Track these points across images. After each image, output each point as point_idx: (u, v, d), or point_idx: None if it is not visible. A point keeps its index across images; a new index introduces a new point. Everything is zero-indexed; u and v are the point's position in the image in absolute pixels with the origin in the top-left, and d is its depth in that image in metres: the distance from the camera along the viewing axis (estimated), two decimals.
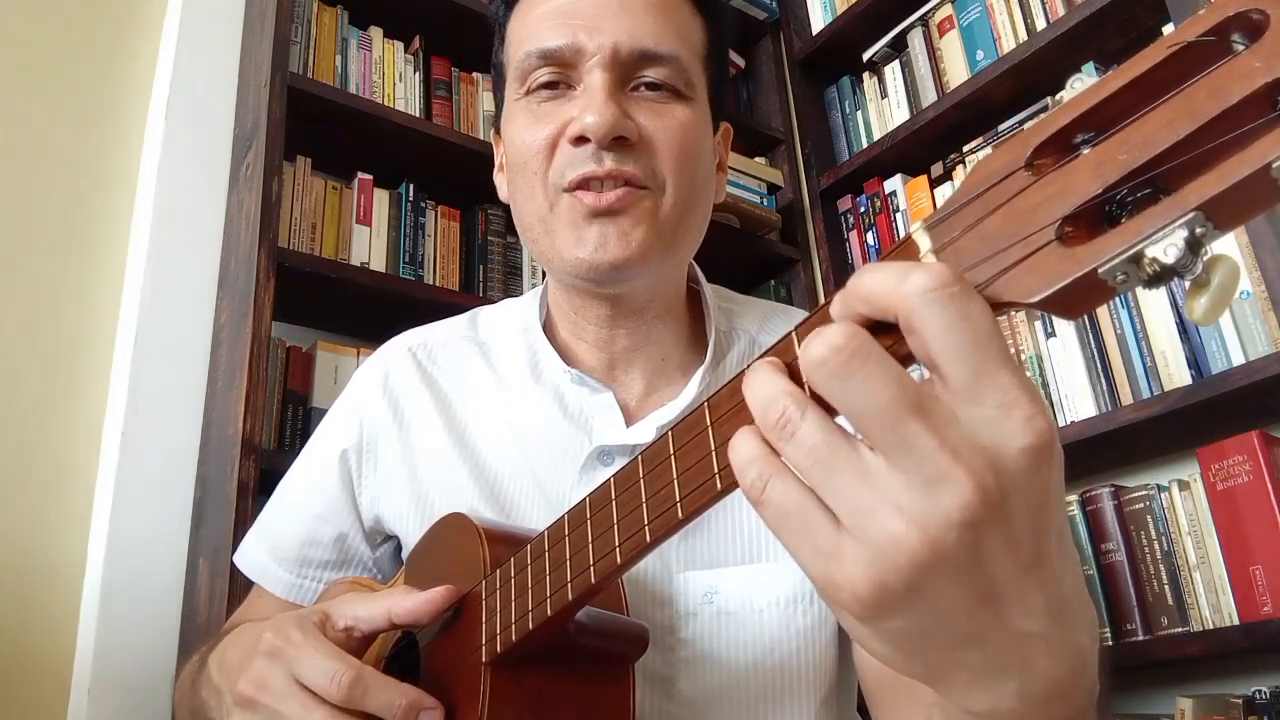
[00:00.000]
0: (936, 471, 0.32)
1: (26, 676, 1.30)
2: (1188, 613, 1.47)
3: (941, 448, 0.32)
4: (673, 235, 0.76)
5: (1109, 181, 0.32)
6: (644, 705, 0.71)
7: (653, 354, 0.83)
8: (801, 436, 0.35)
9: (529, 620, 0.56)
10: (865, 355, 0.33)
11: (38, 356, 1.43)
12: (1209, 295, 0.31)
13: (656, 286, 0.80)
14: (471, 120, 1.94)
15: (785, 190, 2.25)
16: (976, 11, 2.00)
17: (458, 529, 0.69)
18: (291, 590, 0.86)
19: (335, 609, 0.63)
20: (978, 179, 0.36)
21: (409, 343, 0.90)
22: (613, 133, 0.71)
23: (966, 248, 0.35)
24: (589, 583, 0.52)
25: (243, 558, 0.90)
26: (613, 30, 0.74)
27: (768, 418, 0.36)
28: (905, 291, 0.33)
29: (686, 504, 0.44)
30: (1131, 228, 0.31)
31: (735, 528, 0.76)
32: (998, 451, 0.33)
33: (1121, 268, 0.31)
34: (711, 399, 0.43)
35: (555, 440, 0.80)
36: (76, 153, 1.56)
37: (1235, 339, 1.46)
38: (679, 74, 0.76)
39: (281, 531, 0.88)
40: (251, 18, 1.74)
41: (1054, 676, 0.37)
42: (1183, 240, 0.30)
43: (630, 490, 0.48)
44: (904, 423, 0.33)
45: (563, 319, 0.84)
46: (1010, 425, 0.33)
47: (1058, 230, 0.33)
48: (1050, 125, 0.34)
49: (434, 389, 0.86)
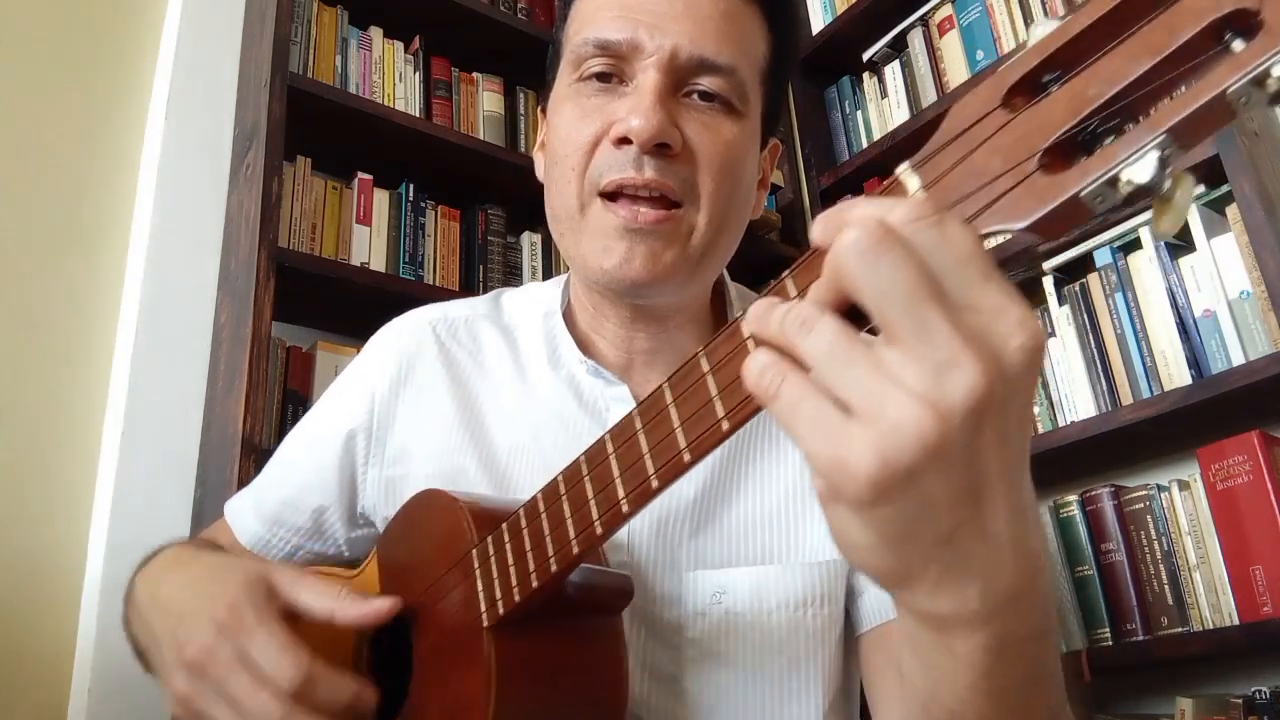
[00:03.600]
0: (950, 356, 0.34)
1: (26, 676, 1.30)
2: (1188, 613, 1.47)
3: (955, 333, 0.34)
4: (702, 257, 0.75)
5: (1082, 114, 0.35)
6: (651, 703, 0.71)
7: (672, 360, 0.81)
8: (820, 329, 0.37)
9: (532, 580, 0.58)
10: (894, 240, 0.36)
11: (38, 356, 1.43)
12: (1172, 210, 0.34)
13: (681, 301, 0.80)
14: (471, 120, 1.94)
15: (785, 190, 2.25)
16: (976, 11, 2.00)
17: (434, 505, 0.69)
18: (258, 543, 0.87)
19: (287, 588, 0.65)
20: (957, 120, 0.39)
21: (430, 317, 0.89)
22: (656, 139, 0.70)
23: (954, 183, 0.38)
24: (594, 535, 0.53)
25: (231, 503, 0.92)
26: (675, 32, 0.72)
27: (787, 322, 0.38)
28: (890, 224, 0.36)
29: (694, 447, 0.46)
30: (1108, 153, 0.34)
31: (746, 528, 0.76)
32: (999, 348, 0.35)
33: (1100, 190, 0.34)
34: (708, 347, 0.45)
35: (568, 426, 0.79)
36: (76, 153, 1.56)
37: (1235, 339, 1.46)
38: (735, 87, 0.74)
39: (266, 485, 0.89)
40: (251, 18, 1.74)
41: (1012, 580, 0.39)
42: (1155, 160, 0.33)
43: (628, 443, 0.50)
44: (924, 306, 0.35)
45: (583, 313, 0.84)
46: (1005, 325, 0.35)
47: (1039, 160, 0.36)
48: (1021, 66, 0.37)
49: (451, 366, 0.85)
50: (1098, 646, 1.53)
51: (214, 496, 1.40)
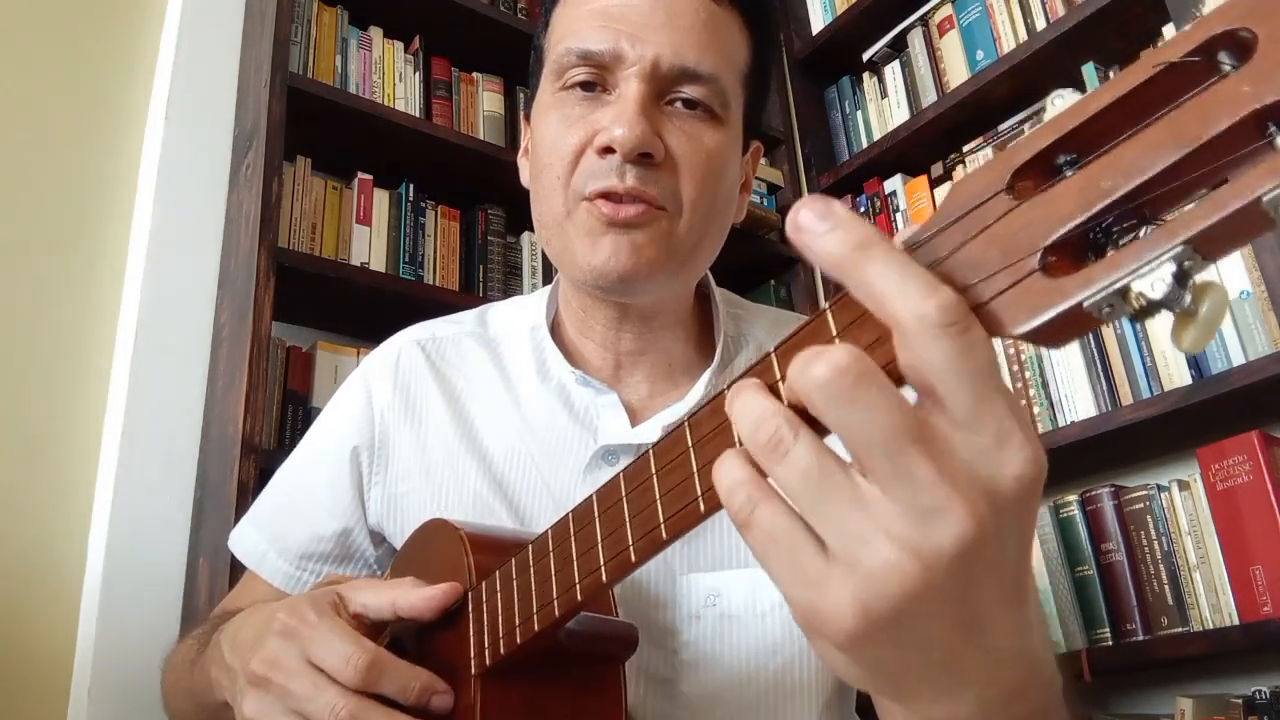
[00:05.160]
0: (934, 502, 0.32)
1: (26, 676, 1.30)
2: (1188, 613, 1.47)
3: (940, 478, 0.32)
4: (685, 257, 0.76)
5: (1093, 209, 0.31)
6: (645, 707, 0.71)
7: (658, 360, 0.83)
8: (794, 458, 0.34)
9: (516, 635, 0.56)
10: (870, 380, 0.32)
11: (38, 357, 1.43)
12: (1196, 325, 0.29)
13: (665, 300, 0.80)
14: (471, 120, 1.94)
15: (785, 190, 2.25)
16: (976, 11, 2.00)
17: (440, 535, 0.69)
18: (289, 581, 0.86)
19: (348, 593, 0.63)
20: (959, 201, 0.35)
21: (418, 336, 0.90)
22: (639, 149, 0.71)
23: (948, 275, 0.34)
24: (575, 600, 0.51)
25: (239, 543, 0.89)
26: (656, 42, 0.73)
27: (758, 437, 0.35)
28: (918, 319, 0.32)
29: (670, 525, 0.43)
30: (1117, 260, 0.30)
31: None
32: (993, 481, 0.32)
33: (1107, 300, 0.30)
34: (692, 418, 0.42)
35: (560, 439, 0.80)
36: (76, 153, 1.56)
37: (1235, 339, 1.46)
38: (716, 95, 0.75)
39: (284, 521, 0.87)
40: (251, 18, 1.74)
41: (1011, 682, 0.37)
42: (1170, 274, 0.29)
43: (613, 509, 0.47)
44: (904, 451, 0.32)
45: (571, 317, 0.84)
46: (1006, 454, 0.32)
47: (1041, 259, 0.32)
48: (1032, 146, 0.33)
49: (443, 384, 0.86)
50: (1098, 646, 1.53)
51: (214, 496, 1.40)
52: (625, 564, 0.46)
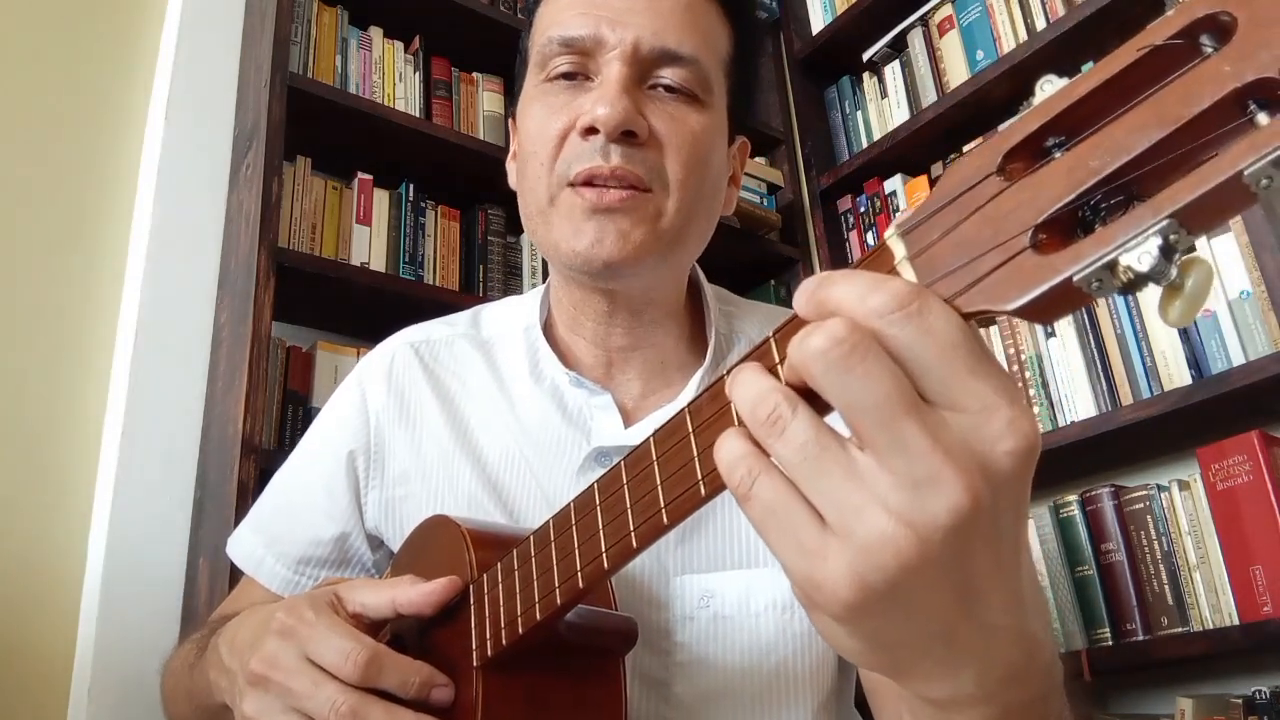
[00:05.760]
0: (929, 473, 0.32)
1: (26, 676, 1.30)
2: (1188, 613, 1.47)
3: (935, 448, 0.32)
4: (672, 240, 0.76)
5: (1081, 187, 0.32)
6: (640, 708, 0.71)
7: (650, 356, 0.83)
8: (792, 433, 0.35)
9: (518, 625, 0.56)
10: (866, 349, 0.33)
11: (38, 357, 1.43)
12: (1183, 299, 0.30)
13: (653, 289, 0.80)
14: (471, 120, 1.94)
15: (785, 190, 2.25)
16: (976, 11, 2.00)
17: (442, 532, 0.69)
18: (286, 586, 0.86)
19: (346, 592, 0.63)
20: (951, 184, 0.36)
21: (411, 339, 0.90)
22: (622, 126, 0.71)
23: (940, 255, 0.35)
24: (576, 588, 0.51)
25: (237, 548, 0.90)
26: (636, 25, 0.74)
27: (757, 414, 0.36)
28: (865, 313, 0.33)
29: (671, 510, 0.43)
30: (1105, 235, 0.31)
31: (732, 532, 0.76)
32: (985, 455, 0.33)
33: (1096, 275, 0.31)
34: (692, 404, 0.43)
35: (554, 440, 0.80)
36: (76, 153, 1.56)
37: (1235, 339, 1.46)
38: (698, 78, 0.76)
39: (282, 524, 0.88)
40: (251, 18, 1.74)
41: (1010, 662, 0.38)
42: (1157, 248, 0.30)
43: (614, 495, 0.48)
44: (899, 420, 0.33)
45: (563, 314, 0.84)
46: (993, 429, 0.33)
47: (1032, 237, 0.33)
48: (1021, 129, 0.34)
49: (437, 387, 0.86)
50: (1098, 646, 1.53)
51: (214, 496, 1.40)
52: (627, 550, 0.47)
